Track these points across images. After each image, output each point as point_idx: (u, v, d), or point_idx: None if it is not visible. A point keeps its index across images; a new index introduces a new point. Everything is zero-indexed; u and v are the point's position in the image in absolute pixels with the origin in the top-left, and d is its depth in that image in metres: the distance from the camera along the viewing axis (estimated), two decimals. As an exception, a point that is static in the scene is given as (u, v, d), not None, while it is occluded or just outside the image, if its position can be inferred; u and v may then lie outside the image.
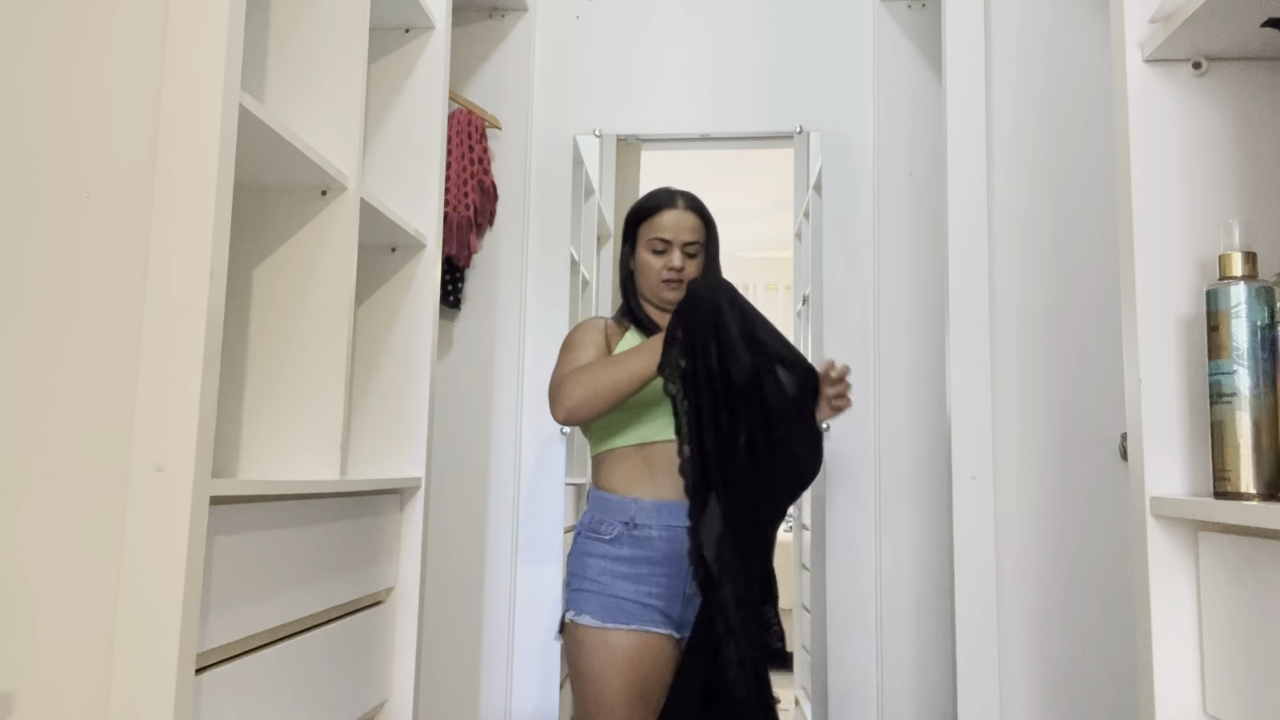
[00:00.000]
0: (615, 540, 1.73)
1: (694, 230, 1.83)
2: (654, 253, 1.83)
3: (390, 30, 1.95)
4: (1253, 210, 1.17)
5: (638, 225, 1.87)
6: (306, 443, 1.49)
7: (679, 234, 1.82)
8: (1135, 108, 1.19)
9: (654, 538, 1.71)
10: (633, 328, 1.86)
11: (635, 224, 1.88)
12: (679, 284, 1.82)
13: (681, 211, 1.84)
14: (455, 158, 2.39)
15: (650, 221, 1.84)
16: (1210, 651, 1.09)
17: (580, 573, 1.75)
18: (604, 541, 1.74)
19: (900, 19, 2.51)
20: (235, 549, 1.20)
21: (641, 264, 1.86)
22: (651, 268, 1.83)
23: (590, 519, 1.79)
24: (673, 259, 1.81)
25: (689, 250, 1.83)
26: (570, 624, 1.73)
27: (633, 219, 1.89)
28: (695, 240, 1.83)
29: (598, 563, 1.73)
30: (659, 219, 1.83)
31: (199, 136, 1.09)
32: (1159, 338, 1.16)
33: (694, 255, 1.84)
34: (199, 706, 1.11)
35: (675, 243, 1.82)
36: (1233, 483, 1.04)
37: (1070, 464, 2.00)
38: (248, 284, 1.52)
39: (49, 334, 1.08)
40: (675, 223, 1.83)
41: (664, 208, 1.84)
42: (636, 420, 1.77)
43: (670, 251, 1.82)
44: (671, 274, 1.82)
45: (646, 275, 1.85)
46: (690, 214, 1.84)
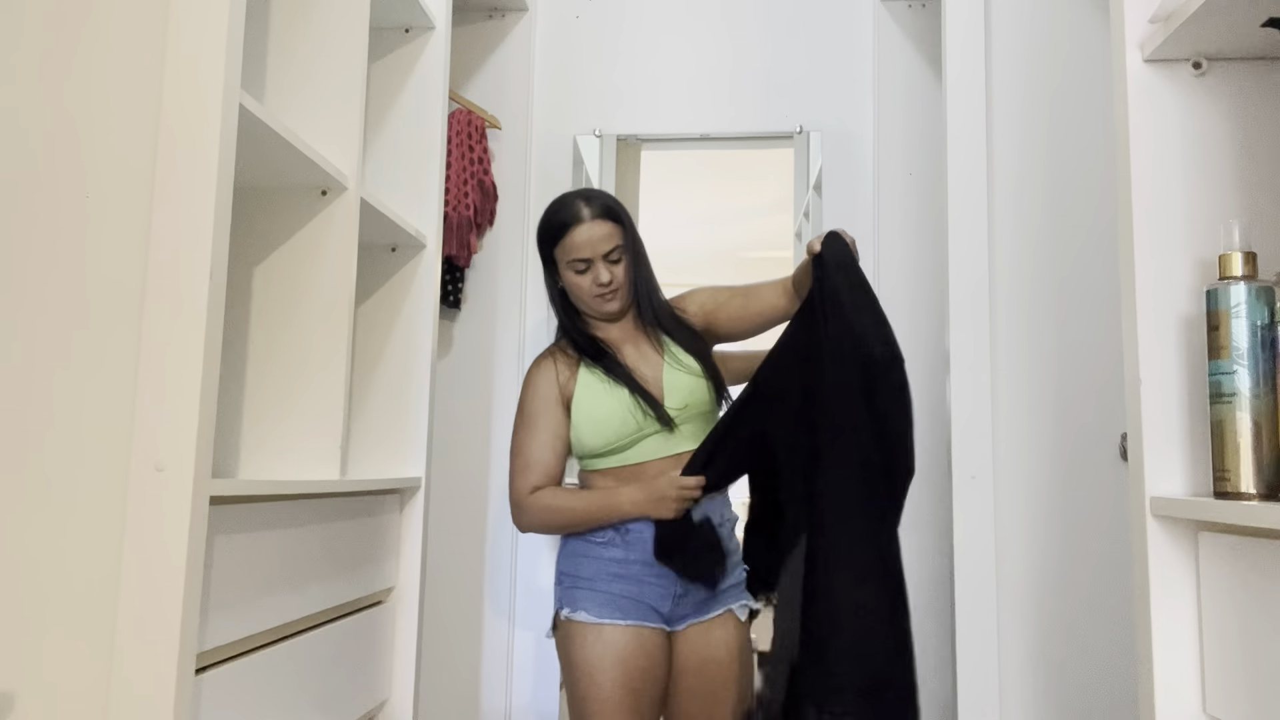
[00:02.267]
0: (607, 544, 1.73)
1: (609, 237, 1.74)
2: (576, 273, 1.75)
3: (390, 30, 1.95)
4: (1253, 210, 1.17)
5: (552, 249, 1.78)
6: (306, 443, 1.49)
7: (596, 248, 1.73)
8: (1135, 108, 1.19)
9: (646, 540, 1.71)
10: (584, 362, 1.77)
11: (549, 247, 1.78)
12: (614, 295, 1.76)
13: (591, 224, 1.73)
14: (455, 158, 2.39)
15: (563, 243, 1.75)
16: (1210, 651, 1.09)
17: (574, 572, 1.74)
18: (596, 544, 1.74)
19: (900, 19, 2.51)
20: (235, 549, 1.20)
21: (570, 285, 1.78)
22: (580, 287, 1.76)
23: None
24: (599, 274, 1.73)
25: (611, 258, 1.74)
26: (565, 621, 1.72)
27: (544, 242, 1.79)
28: (615, 245, 1.74)
29: (592, 564, 1.73)
30: (571, 238, 1.73)
31: (199, 136, 1.09)
32: (1159, 338, 1.16)
33: (618, 260, 1.75)
34: (199, 706, 1.11)
35: (595, 258, 1.73)
36: (1233, 483, 1.04)
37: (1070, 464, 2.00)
38: (248, 284, 1.52)
39: (49, 334, 1.08)
40: (589, 238, 1.73)
41: (570, 225, 1.74)
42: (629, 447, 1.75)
43: (593, 267, 1.74)
44: (601, 289, 1.74)
45: (579, 296, 1.77)
46: (601, 222, 1.74)
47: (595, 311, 1.79)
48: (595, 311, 1.79)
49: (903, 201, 2.48)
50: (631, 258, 1.79)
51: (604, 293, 1.75)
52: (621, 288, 1.77)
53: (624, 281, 1.77)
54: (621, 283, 1.76)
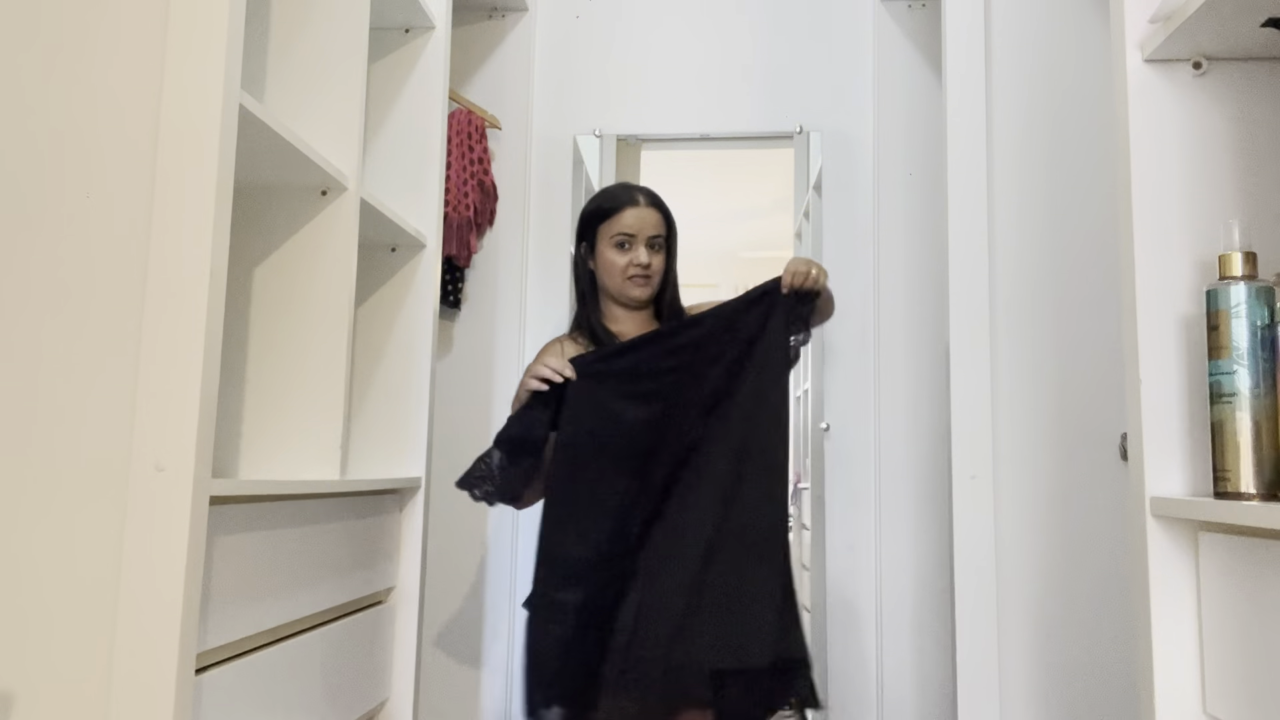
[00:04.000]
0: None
1: (657, 225, 1.82)
2: (618, 248, 1.80)
3: (390, 30, 1.95)
4: (1253, 210, 1.17)
5: (597, 225, 1.84)
6: (306, 443, 1.49)
7: (642, 229, 1.80)
8: (1135, 108, 1.19)
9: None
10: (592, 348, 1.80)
11: (595, 223, 1.84)
12: (646, 280, 1.80)
13: (644, 208, 1.81)
14: (455, 158, 2.39)
15: (612, 219, 1.81)
16: (1210, 651, 1.09)
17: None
18: None
19: (900, 19, 2.51)
20: (235, 549, 1.20)
21: (605, 262, 1.82)
22: (616, 264, 1.80)
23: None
24: (639, 254, 1.79)
25: (654, 244, 1.81)
26: None
27: (591, 219, 1.85)
28: (659, 234, 1.81)
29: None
30: (621, 216, 1.81)
31: (199, 136, 1.09)
32: (1159, 338, 1.16)
33: (658, 250, 1.82)
34: (199, 706, 1.11)
35: (639, 237, 1.79)
36: (1233, 483, 1.04)
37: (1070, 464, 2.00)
38: (248, 284, 1.52)
39: (49, 334, 1.08)
40: (638, 218, 1.80)
41: (625, 205, 1.82)
42: None
43: (635, 246, 1.80)
44: (638, 270, 1.79)
45: (611, 273, 1.81)
46: (653, 210, 1.82)
47: (622, 293, 1.82)
48: (622, 293, 1.82)
49: (903, 201, 2.48)
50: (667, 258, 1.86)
51: (639, 274, 1.80)
52: (655, 277, 1.82)
53: (659, 273, 1.83)
54: (657, 272, 1.82)
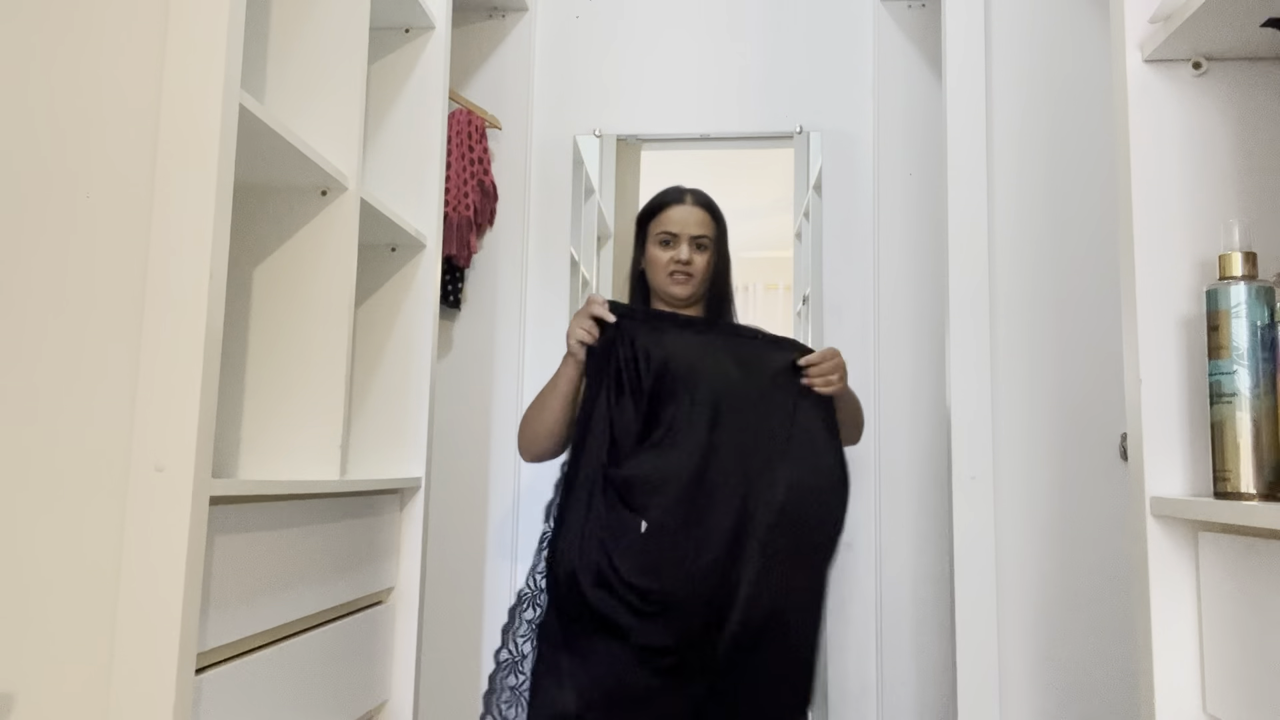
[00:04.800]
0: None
1: (702, 224, 1.85)
2: (661, 245, 1.85)
3: (390, 30, 1.95)
4: (1253, 210, 1.17)
5: (647, 223, 1.89)
6: (306, 443, 1.49)
7: (686, 227, 1.84)
8: (1135, 108, 1.19)
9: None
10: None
11: (644, 222, 1.90)
12: (687, 278, 1.83)
13: (689, 207, 1.85)
14: (455, 158, 2.39)
15: (658, 217, 1.86)
16: (1210, 651, 1.09)
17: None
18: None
19: (900, 19, 2.51)
20: (235, 549, 1.20)
21: (650, 259, 1.87)
22: (659, 261, 1.85)
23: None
24: (680, 251, 1.82)
25: (698, 243, 1.84)
26: None
27: (642, 218, 1.91)
28: (704, 234, 1.84)
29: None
30: (667, 214, 1.86)
31: (199, 136, 1.09)
32: (1159, 338, 1.16)
33: (703, 248, 1.85)
34: (199, 706, 1.11)
35: (682, 235, 1.83)
36: (1233, 483, 1.04)
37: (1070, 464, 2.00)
38: (248, 284, 1.52)
39: (49, 334, 1.08)
40: (683, 216, 1.84)
41: (671, 203, 1.86)
42: None
43: (678, 244, 1.83)
44: (679, 266, 1.83)
45: (655, 270, 1.86)
46: (698, 209, 1.86)
47: (664, 290, 1.85)
48: (664, 290, 1.85)
49: (903, 201, 2.48)
50: (716, 261, 1.88)
51: (679, 270, 1.83)
52: (697, 276, 1.84)
53: (701, 272, 1.85)
54: (699, 271, 1.84)
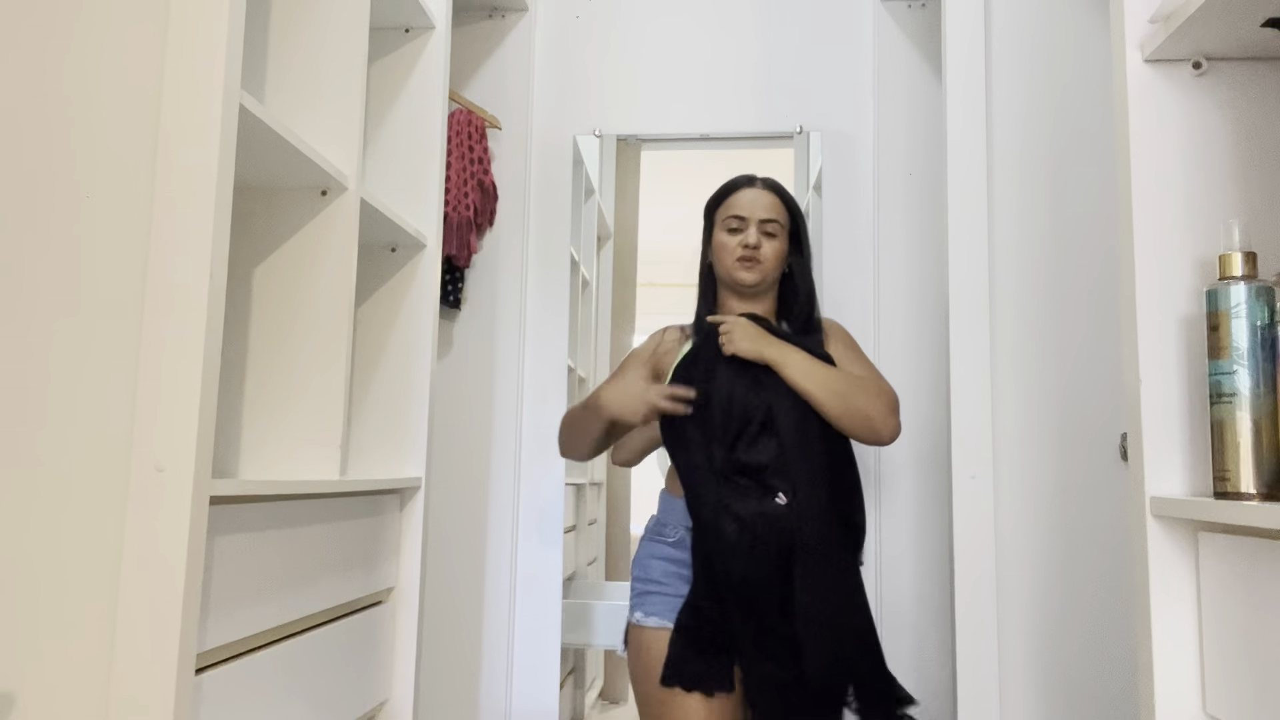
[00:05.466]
0: (678, 544, 1.69)
1: (771, 208, 1.76)
2: (729, 231, 1.76)
3: (390, 30, 1.95)
4: (1253, 210, 1.17)
5: (714, 210, 1.82)
6: (306, 443, 1.49)
7: (754, 210, 1.75)
8: (1135, 108, 1.19)
9: None
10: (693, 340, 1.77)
11: (712, 210, 1.83)
12: (754, 264, 1.73)
13: (759, 190, 1.78)
14: (455, 158, 2.39)
15: (726, 202, 1.79)
16: (1210, 651, 1.09)
17: (644, 575, 1.71)
18: (667, 544, 1.70)
19: (900, 19, 2.51)
20: (235, 549, 1.20)
21: (717, 245, 1.78)
22: (726, 246, 1.76)
23: (655, 521, 1.76)
24: (748, 236, 1.73)
25: (766, 229, 1.75)
26: (634, 628, 1.68)
27: (710, 205, 1.84)
28: (773, 218, 1.75)
29: (660, 565, 1.69)
30: (734, 198, 1.78)
31: (199, 136, 1.09)
32: (1159, 338, 1.16)
33: (772, 235, 1.75)
34: (199, 706, 1.11)
35: (751, 219, 1.74)
36: (1233, 483, 1.04)
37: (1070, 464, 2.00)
38: (248, 284, 1.52)
39: (49, 334, 1.08)
40: (751, 200, 1.76)
41: (740, 187, 1.79)
42: None
43: (746, 228, 1.74)
44: (746, 251, 1.73)
45: (722, 256, 1.77)
46: (768, 193, 1.78)
47: (730, 277, 1.76)
48: (730, 277, 1.76)
49: (903, 201, 2.48)
50: (791, 249, 1.80)
51: (746, 255, 1.73)
52: (766, 263, 1.75)
53: (771, 259, 1.75)
54: (768, 258, 1.75)
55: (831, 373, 1.66)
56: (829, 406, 1.62)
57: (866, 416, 1.63)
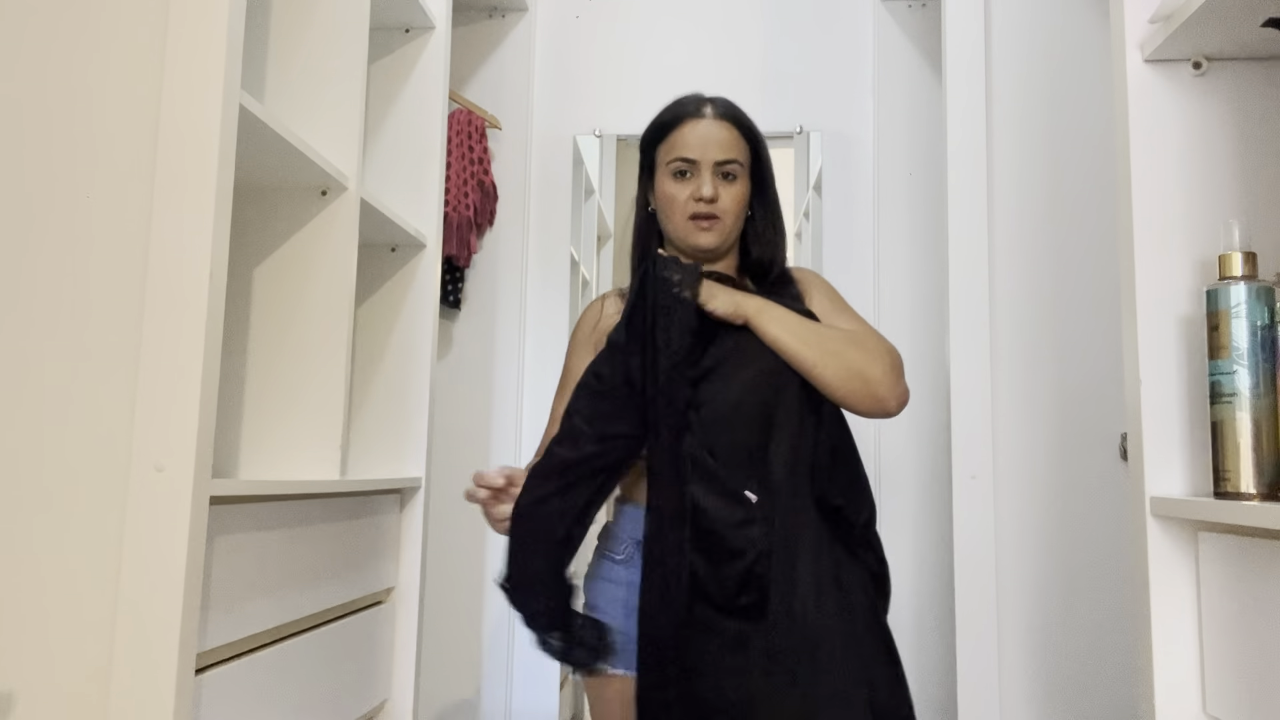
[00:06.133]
0: (627, 561, 1.34)
1: (728, 145, 1.35)
2: (675, 176, 1.36)
3: (390, 30, 1.95)
4: (1253, 210, 1.17)
5: (654, 148, 1.40)
6: (306, 443, 1.49)
7: (707, 150, 1.34)
8: (1135, 108, 1.19)
9: None
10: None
11: (651, 147, 1.41)
12: (713, 221, 1.35)
13: (711, 121, 1.36)
14: (455, 158, 2.39)
15: (669, 139, 1.37)
16: (1210, 651, 1.09)
17: (590, 601, 1.37)
18: (615, 562, 1.36)
19: (900, 19, 2.51)
20: (235, 549, 1.20)
21: (662, 196, 1.38)
22: (674, 199, 1.35)
23: (604, 530, 1.41)
24: (701, 185, 1.34)
25: (725, 171, 1.35)
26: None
27: (648, 141, 1.41)
28: (732, 159, 1.35)
29: (606, 589, 1.35)
30: (680, 134, 1.36)
31: (199, 136, 1.09)
32: (1159, 338, 1.16)
33: (732, 178, 1.36)
34: (199, 706, 1.11)
35: (703, 162, 1.34)
36: (1233, 483, 1.04)
37: (1070, 464, 2.00)
38: (248, 284, 1.52)
39: (49, 334, 1.08)
40: (702, 137, 1.35)
41: (686, 118, 1.37)
42: None
43: (697, 174, 1.35)
44: (702, 207, 1.34)
45: (669, 211, 1.37)
46: (723, 124, 1.36)
47: (685, 241, 1.37)
48: (685, 241, 1.37)
49: (903, 201, 2.48)
50: (755, 193, 1.40)
51: (701, 212, 1.35)
52: (726, 218, 1.36)
53: (731, 211, 1.36)
54: (728, 210, 1.35)
55: (821, 328, 1.31)
56: (821, 368, 1.25)
57: (867, 379, 1.26)
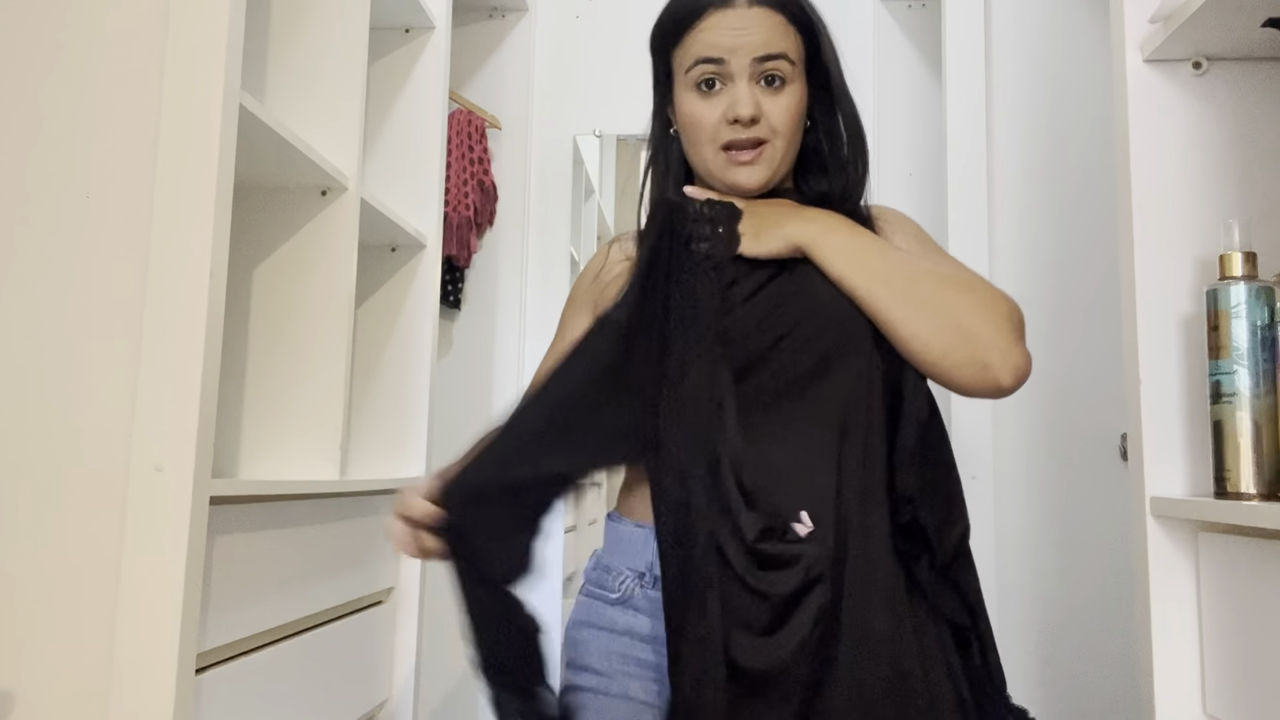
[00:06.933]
0: (625, 602, 1.01)
1: (771, 35, 0.97)
2: (702, 89, 0.99)
3: (390, 30, 1.95)
4: (1253, 210, 1.17)
5: (669, 53, 1.05)
6: (306, 443, 1.49)
7: (740, 46, 0.96)
8: (1135, 108, 1.19)
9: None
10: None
11: (668, 49, 1.05)
12: (757, 152, 0.98)
13: (744, 9, 0.98)
14: (455, 158, 2.39)
15: (687, 39, 1.01)
16: (1210, 651, 1.09)
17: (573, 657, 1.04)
18: (608, 603, 1.03)
19: (900, 19, 2.51)
20: (235, 549, 1.20)
21: (686, 120, 1.02)
22: (701, 122, 0.99)
23: (596, 564, 1.08)
24: (739, 102, 0.96)
25: (768, 72, 0.97)
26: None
27: (660, 44, 1.07)
28: (777, 53, 0.97)
29: (598, 639, 1.02)
30: (701, 29, 0.99)
31: (199, 136, 1.09)
32: (1159, 338, 1.16)
33: (779, 83, 0.98)
34: (199, 706, 1.11)
35: (735, 64, 0.97)
36: (1233, 483, 1.04)
37: (1070, 464, 2.00)
38: (248, 284, 1.52)
39: (49, 334, 1.08)
40: (733, 29, 0.97)
41: (709, 8, 0.99)
42: None
43: (729, 82, 0.98)
44: (737, 130, 0.97)
45: (695, 140, 1.00)
46: (761, 10, 0.98)
47: (718, 179, 1.01)
48: (718, 179, 1.01)
49: (903, 202, 2.47)
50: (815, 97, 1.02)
51: (739, 140, 0.98)
52: (776, 140, 0.98)
53: (784, 131, 0.98)
54: (778, 129, 0.98)
55: (910, 260, 0.95)
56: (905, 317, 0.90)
57: (972, 337, 0.90)
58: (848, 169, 1.03)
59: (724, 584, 0.85)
